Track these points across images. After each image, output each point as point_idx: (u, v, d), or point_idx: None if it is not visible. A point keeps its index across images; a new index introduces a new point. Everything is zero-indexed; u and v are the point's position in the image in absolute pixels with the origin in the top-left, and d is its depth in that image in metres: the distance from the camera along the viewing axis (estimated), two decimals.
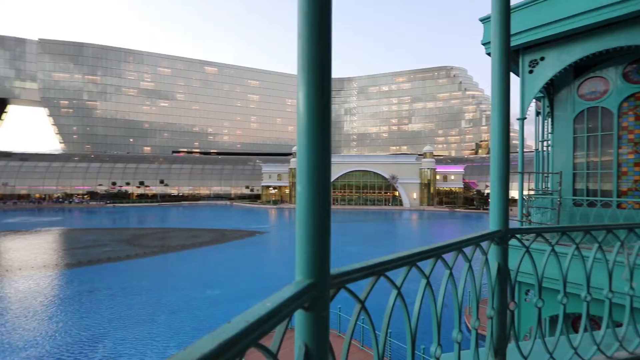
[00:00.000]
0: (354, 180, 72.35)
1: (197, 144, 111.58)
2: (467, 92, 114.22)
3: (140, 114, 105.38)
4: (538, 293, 2.18)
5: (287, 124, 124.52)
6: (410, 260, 1.36)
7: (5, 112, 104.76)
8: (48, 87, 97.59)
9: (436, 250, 1.52)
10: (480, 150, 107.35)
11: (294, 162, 74.41)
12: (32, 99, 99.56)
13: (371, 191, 72.36)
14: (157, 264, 25.24)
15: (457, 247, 1.69)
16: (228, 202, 78.91)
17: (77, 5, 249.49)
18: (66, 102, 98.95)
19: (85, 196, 73.63)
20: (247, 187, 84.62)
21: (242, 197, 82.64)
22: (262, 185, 78.57)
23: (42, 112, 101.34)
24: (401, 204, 70.27)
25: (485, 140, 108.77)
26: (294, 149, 77.69)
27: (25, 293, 18.32)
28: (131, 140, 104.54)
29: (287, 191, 76.04)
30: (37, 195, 71.01)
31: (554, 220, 6.81)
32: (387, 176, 70.61)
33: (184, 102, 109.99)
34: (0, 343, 12.60)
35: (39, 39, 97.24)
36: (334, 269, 1.03)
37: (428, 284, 1.49)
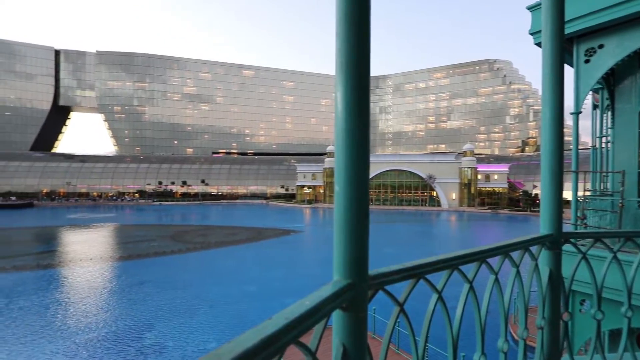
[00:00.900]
0: (389, 180, 71.00)
1: (235, 145, 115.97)
2: (512, 86, 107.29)
3: (184, 117, 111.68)
4: (597, 304, 1.99)
5: (322, 124, 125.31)
6: (452, 264, 1.32)
7: (69, 118, 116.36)
8: (104, 94, 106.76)
9: (480, 253, 1.45)
10: (527, 148, 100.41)
11: (328, 161, 74.64)
12: (90, 106, 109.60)
13: (407, 191, 70.56)
14: (198, 260, 26.59)
15: (503, 251, 1.59)
16: (264, 201, 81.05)
17: (128, 16, 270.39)
18: (119, 108, 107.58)
19: (135, 194, 79.52)
20: (282, 187, 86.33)
21: (277, 197, 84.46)
22: (297, 185, 79.73)
23: (99, 118, 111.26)
24: (439, 205, 67.76)
25: (533, 137, 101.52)
26: (329, 148, 77.89)
27: (85, 282, 20.20)
28: (175, 142, 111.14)
29: (322, 191, 76.48)
30: (95, 194, 77.92)
31: (614, 225, 6.18)
32: (423, 176, 68.45)
33: (223, 105, 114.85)
34: (66, 326, 13.98)
35: (97, 51, 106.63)
36: (372, 270, 1.02)
37: (471, 288, 1.43)
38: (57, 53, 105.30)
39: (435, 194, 68.63)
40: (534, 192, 63.85)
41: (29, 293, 17.98)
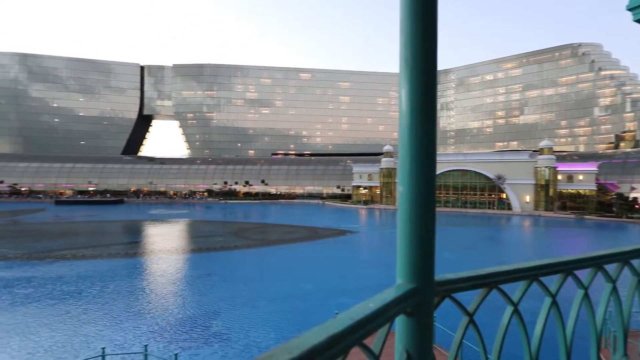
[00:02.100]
0: (451, 181, 66.74)
1: (292, 146, 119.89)
2: (603, 73, 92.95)
3: (246, 121, 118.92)
4: None
5: (378, 124, 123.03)
6: (532, 274, 1.20)
7: (151, 125, 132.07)
8: (179, 103, 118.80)
9: (566, 264, 1.31)
10: (622, 144, 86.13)
11: (385, 161, 72.92)
12: (168, 114, 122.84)
13: (471, 193, 65.57)
14: (258, 255, 27.99)
15: (595, 262, 1.40)
16: (320, 201, 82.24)
17: (201, 29, 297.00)
18: (191, 115, 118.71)
19: (204, 193, 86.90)
20: (338, 187, 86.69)
21: (333, 197, 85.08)
22: (353, 185, 79.38)
23: (174, 124, 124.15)
24: (509, 208, 61.68)
25: (630, 131, 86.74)
26: (385, 148, 76.12)
27: (163, 271, 22.62)
28: (239, 144, 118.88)
29: (378, 191, 75.02)
30: (171, 192, 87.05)
31: None
32: (491, 176, 62.90)
33: (281, 108, 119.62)
34: (147, 310, 15.79)
35: (173, 64, 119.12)
36: (439, 276, 0.98)
37: (554, 303, 1.29)
38: (142, 68, 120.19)
39: (505, 196, 62.63)
40: (632, 195, 54.49)
41: (119, 278, 20.70)
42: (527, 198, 61.04)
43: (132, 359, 11.42)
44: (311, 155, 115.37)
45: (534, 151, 66.97)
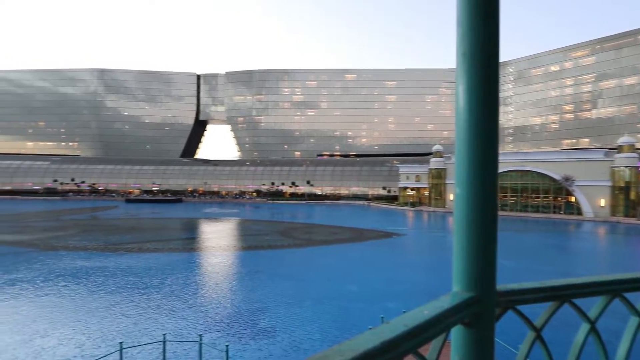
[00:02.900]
0: (509, 183, 61.65)
1: (338, 147, 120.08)
2: None
3: (292, 124, 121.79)
4: None
5: (427, 122, 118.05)
6: (614, 289, 1.07)
7: (206, 130, 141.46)
8: (230, 108, 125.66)
9: None
10: None
11: (434, 162, 69.76)
12: (221, 119, 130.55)
13: (533, 195, 59.92)
14: (304, 255, 28.36)
15: None
16: (365, 203, 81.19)
17: (251, 36, 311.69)
18: (242, 118, 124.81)
19: (253, 193, 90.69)
20: (384, 188, 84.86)
21: (379, 198, 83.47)
22: (399, 187, 77.11)
23: (226, 128, 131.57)
24: (579, 213, 55.21)
25: None
26: (435, 148, 72.77)
27: (214, 266, 23.97)
28: (285, 146, 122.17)
29: (427, 193, 71.96)
30: (223, 192, 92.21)
31: None
32: (557, 177, 56.84)
33: (327, 110, 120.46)
34: (200, 302, 16.80)
35: (226, 72, 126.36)
36: (501, 285, 0.92)
37: None
38: (198, 77, 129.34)
39: (574, 200, 56.21)
40: None
41: (177, 271, 22.34)
42: (602, 202, 54.08)
43: (182, 347, 12.18)
44: (356, 156, 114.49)
45: (610, 149, 59.16)
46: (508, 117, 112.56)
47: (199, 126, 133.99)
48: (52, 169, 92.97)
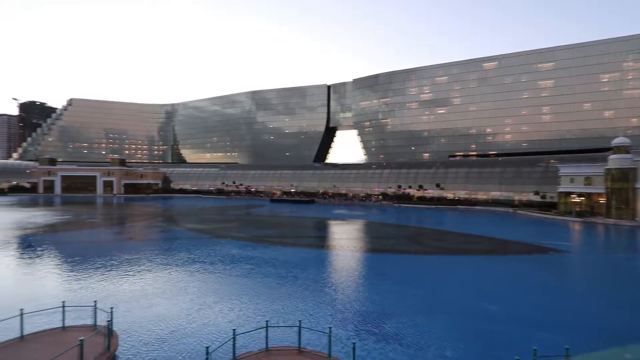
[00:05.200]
0: None
1: (473, 146, 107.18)
2: None
3: (420, 124, 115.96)
4: None
5: (602, 109, 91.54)
6: None
7: (335, 136, 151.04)
8: (357, 113, 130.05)
9: None
10: None
11: (615, 160, 53.53)
12: (348, 125, 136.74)
13: None
14: (434, 263, 26.29)
15: None
16: (510, 210, 69.42)
17: (379, 41, 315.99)
18: (368, 123, 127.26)
19: (379, 196, 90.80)
20: (535, 193, 70.59)
21: (528, 205, 69.92)
22: (560, 192, 62.45)
23: (353, 133, 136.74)
24: None
25: None
26: (616, 141, 55.80)
27: (341, 265, 24.98)
28: (412, 148, 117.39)
29: (602, 200, 55.75)
30: (351, 195, 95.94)
31: None
32: None
33: (460, 106, 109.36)
34: (330, 298, 17.74)
35: (353, 79, 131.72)
36: None
37: None
38: (328, 88, 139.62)
39: None
40: None
41: (310, 266, 24.35)
42: None
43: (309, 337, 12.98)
44: (497, 155, 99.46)
45: None
46: None
47: (329, 132, 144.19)
48: (221, 174, 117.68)
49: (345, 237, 37.44)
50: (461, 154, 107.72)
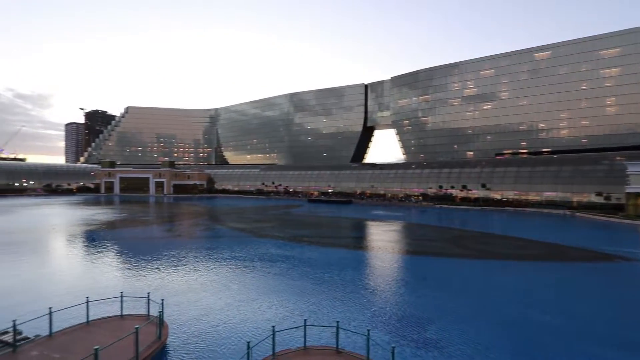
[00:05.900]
0: None
1: (524, 143, 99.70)
2: None
3: (463, 121, 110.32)
4: None
5: None
6: None
7: (373, 135, 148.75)
8: (396, 112, 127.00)
9: None
10: None
11: None
12: (386, 124, 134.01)
13: None
14: (478, 268, 24.83)
15: None
16: (567, 212, 63.58)
17: (418, 39, 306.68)
18: (407, 121, 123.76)
19: (419, 197, 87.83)
20: (598, 194, 63.95)
21: (589, 207, 63.51)
22: (627, 192, 55.96)
23: (392, 132, 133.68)
24: None
25: None
26: None
27: (380, 267, 24.51)
28: (455, 146, 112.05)
29: None
30: (389, 195, 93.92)
31: None
32: None
33: (508, 100, 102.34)
34: (369, 300, 17.48)
35: (391, 77, 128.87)
36: None
37: None
38: (365, 87, 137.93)
39: None
40: None
41: (348, 267, 24.20)
42: None
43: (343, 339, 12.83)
44: (552, 152, 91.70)
45: None
46: None
47: (367, 132, 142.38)
48: (261, 175, 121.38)
49: (384, 238, 36.70)
50: (509, 151, 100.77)
